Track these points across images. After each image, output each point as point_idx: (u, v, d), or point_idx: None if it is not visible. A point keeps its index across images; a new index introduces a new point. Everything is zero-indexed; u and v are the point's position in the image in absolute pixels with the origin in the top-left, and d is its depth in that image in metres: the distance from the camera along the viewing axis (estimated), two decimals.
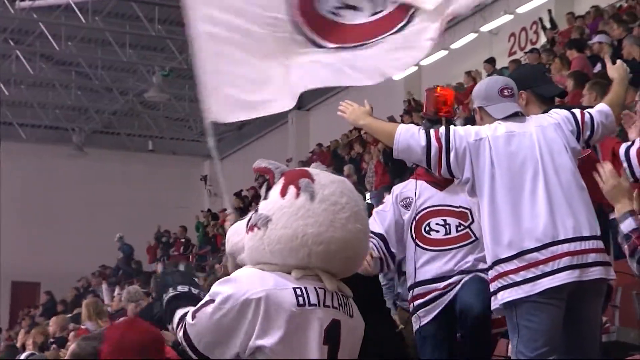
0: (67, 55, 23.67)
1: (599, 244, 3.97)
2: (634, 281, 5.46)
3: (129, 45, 22.86)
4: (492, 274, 4.04)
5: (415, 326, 4.80)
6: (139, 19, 21.00)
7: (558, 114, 4.22)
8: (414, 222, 4.79)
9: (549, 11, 16.98)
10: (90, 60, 23.84)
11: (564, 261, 3.88)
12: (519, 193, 3.99)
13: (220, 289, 2.96)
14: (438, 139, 4.11)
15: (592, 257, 3.91)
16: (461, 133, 4.13)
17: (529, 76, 4.55)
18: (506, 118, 4.19)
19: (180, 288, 3.21)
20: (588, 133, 4.20)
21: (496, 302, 4.02)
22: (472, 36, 19.58)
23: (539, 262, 3.89)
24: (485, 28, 19.24)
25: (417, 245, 4.76)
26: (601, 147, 5.15)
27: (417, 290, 4.76)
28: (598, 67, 11.33)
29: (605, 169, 3.43)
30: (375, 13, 4.62)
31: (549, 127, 4.15)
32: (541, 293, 3.88)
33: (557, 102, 4.78)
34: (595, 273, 3.91)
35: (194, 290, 3.23)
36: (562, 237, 3.91)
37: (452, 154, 4.09)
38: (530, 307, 3.91)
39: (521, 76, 4.58)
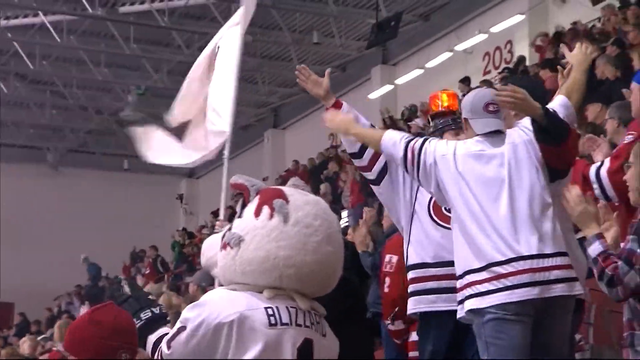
0: (41, 74, 23.54)
1: (564, 261, 4.01)
2: (609, 298, 5.47)
3: (104, 64, 22.78)
4: (461, 282, 4.10)
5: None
6: (115, 37, 20.95)
7: (529, 128, 4.25)
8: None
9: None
10: (65, 79, 23.73)
11: (525, 277, 3.93)
12: (485, 210, 4.06)
13: (191, 315, 2.93)
14: (412, 151, 4.23)
15: (554, 274, 3.96)
16: (431, 148, 4.21)
17: (533, 93, 4.55)
18: (485, 134, 4.25)
19: (142, 315, 3.20)
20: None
21: (462, 310, 4.09)
22: (447, 55, 19.70)
23: (502, 276, 3.96)
24: (459, 47, 19.37)
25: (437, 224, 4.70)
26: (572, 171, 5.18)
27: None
28: None
29: (572, 193, 3.46)
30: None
31: (520, 144, 4.19)
32: (504, 307, 3.93)
33: None
34: (557, 290, 3.95)
35: (155, 310, 3.23)
36: (525, 254, 3.97)
37: (421, 167, 4.21)
38: (497, 324, 3.96)
39: (526, 89, 4.59)
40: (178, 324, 2.96)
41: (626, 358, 3.20)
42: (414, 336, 5.30)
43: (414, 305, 4.67)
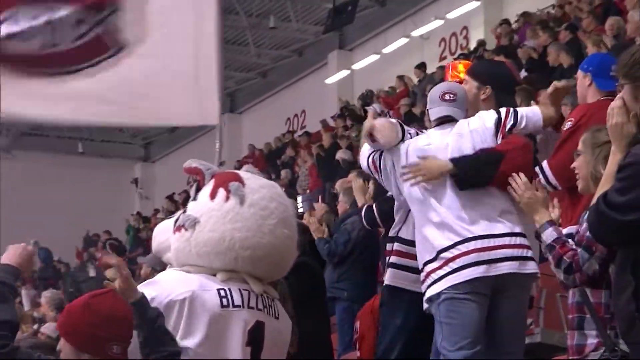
0: None
1: (515, 240, 4.08)
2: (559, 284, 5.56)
3: None
4: (422, 276, 4.18)
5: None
6: None
7: (482, 119, 4.31)
8: None
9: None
10: None
11: (471, 257, 4.03)
12: (430, 201, 4.18)
13: (143, 292, 2.94)
14: (373, 161, 4.42)
15: (501, 253, 4.04)
16: (386, 154, 4.34)
17: (503, 81, 4.60)
18: (439, 124, 4.36)
19: None
20: (511, 123, 4.29)
21: (424, 300, 4.16)
22: (403, 41, 19.76)
23: (450, 260, 4.06)
24: (416, 33, 19.43)
25: None
26: None
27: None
28: (522, 72, 11.53)
29: (519, 181, 3.50)
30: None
31: (466, 135, 4.28)
32: (455, 288, 4.02)
33: None
34: (504, 268, 4.03)
35: None
36: (470, 236, 4.06)
37: (382, 172, 4.38)
38: (449, 304, 4.05)
39: (496, 75, 4.63)
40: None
41: (572, 341, 3.26)
42: None
43: (393, 278, 4.63)
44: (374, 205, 5.27)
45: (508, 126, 4.28)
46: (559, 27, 12.24)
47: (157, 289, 2.94)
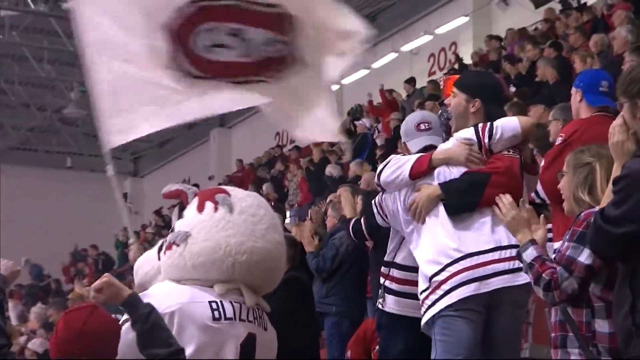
0: None
1: (504, 254, 4.06)
2: None
3: (47, 61, 22.47)
4: (421, 304, 4.20)
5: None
6: (57, 34, 20.67)
7: (462, 138, 4.31)
8: None
9: None
10: (7, 75, 23.35)
11: (461, 277, 4.01)
12: (418, 230, 4.22)
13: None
14: (378, 204, 4.47)
15: (491, 269, 4.03)
16: (386, 195, 4.39)
17: (492, 91, 4.57)
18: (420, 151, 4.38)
19: None
20: (487, 140, 4.28)
21: (422, 326, 4.18)
22: (392, 55, 19.83)
23: (441, 283, 4.04)
24: (405, 48, 19.52)
25: None
26: None
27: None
28: (511, 88, 11.58)
29: (504, 200, 3.52)
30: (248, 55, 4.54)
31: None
32: (448, 307, 4.01)
33: None
34: (496, 282, 4.02)
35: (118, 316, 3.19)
36: (459, 255, 4.05)
37: (389, 216, 4.42)
38: (443, 322, 4.04)
39: (485, 87, 4.59)
40: (125, 316, 2.98)
41: (556, 358, 3.28)
42: None
43: (396, 306, 4.67)
44: (362, 219, 5.30)
45: (486, 141, 4.27)
46: (545, 43, 12.32)
47: (149, 302, 2.94)
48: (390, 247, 4.69)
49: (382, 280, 4.75)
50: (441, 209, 4.17)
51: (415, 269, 4.47)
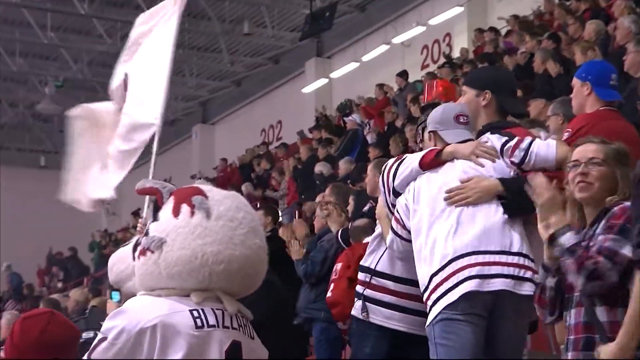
0: None
1: (512, 259, 4.04)
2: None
3: (19, 54, 22.40)
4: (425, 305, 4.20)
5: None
6: (30, 25, 20.60)
7: (494, 142, 4.29)
8: None
9: None
10: None
11: (463, 273, 3.99)
12: (428, 227, 4.18)
13: (112, 324, 2.91)
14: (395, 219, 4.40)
15: (495, 269, 4.00)
16: (402, 201, 4.34)
17: (502, 82, 4.55)
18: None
19: (84, 335, 3.13)
20: (518, 158, 4.21)
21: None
22: (383, 48, 19.86)
23: (444, 280, 4.02)
24: (397, 40, 19.53)
25: None
26: None
27: None
28: None
29: (538, 180, 3.45)
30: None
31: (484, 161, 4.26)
32: (452, 307, 3.98)
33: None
34: (497, 284, 3.98)
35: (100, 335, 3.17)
36: (463, 252, 4.02)
37: (407, 225, 4.35)
38: (445, 324, 4.01)
39: (494, 78, 4.56)
40: (100, 336, 2.93)
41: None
42: None
43: (364, 312, 4.69)
44: (349, 226, 5.30)
45: (515, 161, 4.22)
46: (542, 34, 12.35)
47: (126, 318, 2.91)
48: (373, 254, 4.73)
49: (361, 289, 4.78)
50: (476, 208, 4.12)
51: (387, 276, 4.56)
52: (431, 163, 4.28)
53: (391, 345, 4.67)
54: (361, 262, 4.86)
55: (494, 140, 4.29)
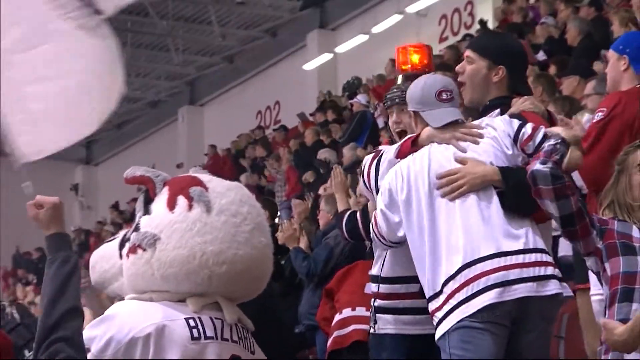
0: None
1: (529, 257, 4.05)
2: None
3: None
4: (429, 310, 4.19)
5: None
6: None
7: (500, 127, 4.24)
8: None
9: None
10: None
11: (480, 282, 3.98)
12: (432, 222, 4.15)
13: (96, 332, 2.89)
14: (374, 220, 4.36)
15: (514, 273, 4.00)
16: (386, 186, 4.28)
17: (518, 58, 4.53)
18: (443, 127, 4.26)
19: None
20: (529, 151, 4.17)
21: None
22: (396, 18, 19.80)
23: (455, 291, 4.01)
24: (411, 9, 19.47)
25: None
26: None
27: None
28: (541, 54, 11.58)
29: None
30: None
31: (481, 145, 4.22)
32: (471, 316, 3.98)
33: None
34: (519, 291, 3.99)
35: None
36: (476, 257, 4.01)
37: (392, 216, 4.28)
38: (462, 333, 4.01)
39: (511, 51, 4.53)
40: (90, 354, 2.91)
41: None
42: None
43: (379, 325, 4.66)
44: (357, 213, 5.14)
45: (528, 151, 4.16)
46: (580, 0, 12.32)
47: (115, 326, 2.89)
48: (379, 260, 4.70)
49: (372, 300, 4.77)
50: (474, 195, 4.11)
51: (397, 280, 4.54)
52: (409, 153, 4.26)
53: (411, 351, 4.63)
54: (370, 272, 4.82)
55: (501, 123, 4.24)
